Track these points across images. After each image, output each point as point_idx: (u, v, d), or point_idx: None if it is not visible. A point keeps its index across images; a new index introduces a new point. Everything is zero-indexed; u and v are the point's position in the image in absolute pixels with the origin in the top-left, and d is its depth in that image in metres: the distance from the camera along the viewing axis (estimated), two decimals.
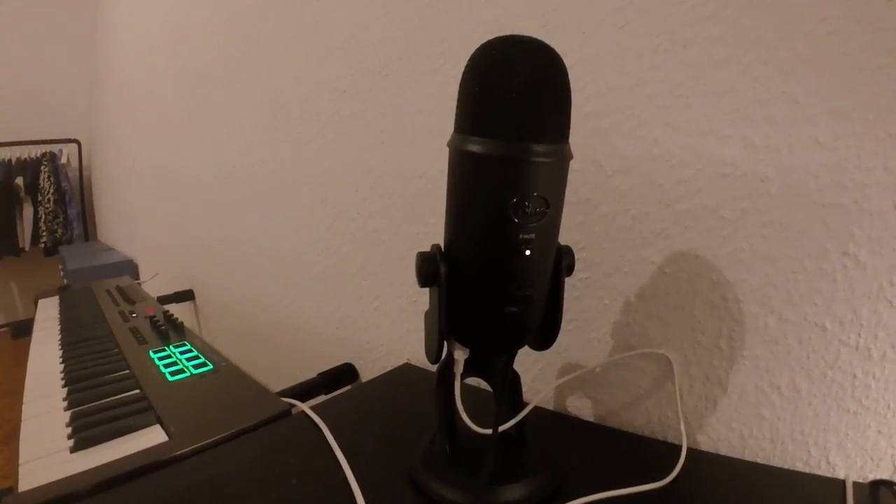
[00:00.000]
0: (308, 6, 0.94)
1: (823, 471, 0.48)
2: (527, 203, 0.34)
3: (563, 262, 0.39)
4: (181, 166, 1.64)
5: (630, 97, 0.53)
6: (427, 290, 0.40)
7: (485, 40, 0.34)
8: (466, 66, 0.34)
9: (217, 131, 1.37)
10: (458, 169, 0.36)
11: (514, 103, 0.32)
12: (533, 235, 0.35)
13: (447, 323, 0.39)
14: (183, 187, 1.65)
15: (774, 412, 0.49)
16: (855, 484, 0.45)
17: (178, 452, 0.57)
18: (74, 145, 3.31)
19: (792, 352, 0.47)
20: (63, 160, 3.20)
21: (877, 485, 0.45)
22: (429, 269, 0.38)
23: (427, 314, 0.43)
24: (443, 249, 0.39)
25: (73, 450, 0.59)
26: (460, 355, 0.42)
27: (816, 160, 0.44)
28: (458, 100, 0.35)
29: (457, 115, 0.35)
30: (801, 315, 0.46)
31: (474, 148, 0.34)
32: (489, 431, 0.42)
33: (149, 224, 2.09)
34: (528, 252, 0.35)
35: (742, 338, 0.49)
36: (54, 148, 3.21)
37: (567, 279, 0.41)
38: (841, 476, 0.47)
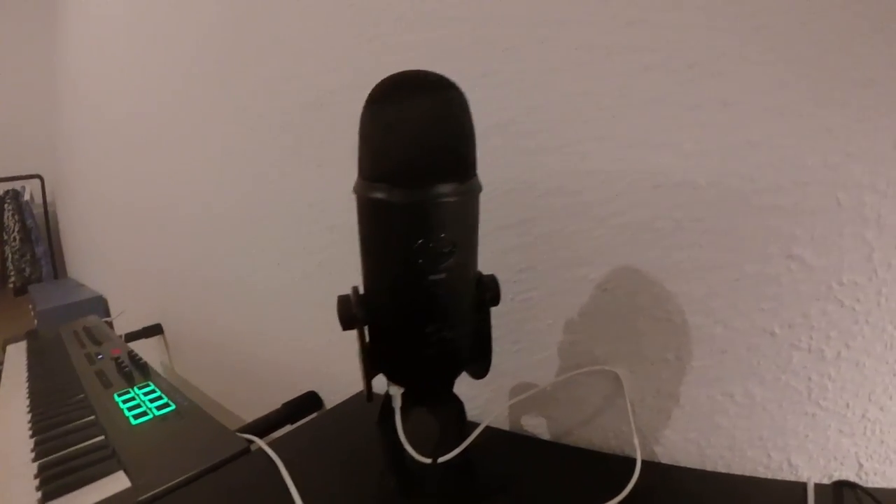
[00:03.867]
0: (249, 42, 0.93)
1: (786, 474, 0.47)
2: (432, 245, 0.32)
3: (487, 295, 0.38)
4: (145, 199, 1.62)
5: (555, 113, 0.52)
6: None
7: (399, 70, 0.32)
8: (362, 109, 0.32)
9: (177, 165, 1.35)
10: (360, 213, 0.35)
11: (408, 148, 0.30)
12: (443, 276, 0.33)
13: (371, 364, 0.39)
14: (147, 220, 1.63)
15: (730, 420, 0.48)
16: (817, 486, 0.45)
17: (141, 499, 0.56)
18: (37, 181, 3.23)
19: (741, 359, 0.46)
20: (26, 197, 3.13)
21: (840, 486, 0.45)
22: (346, 313, 0.37)
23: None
24: (361, 291, 0.38)
25: (42, 502, 0.58)
26: (396, 391, 0.41)
27: (751, 162, 0.43)
28: (358, 144, 0.33)
29: (358, 158, 0.34)
30: (748, 322, 0.45)
31: (373, 194, 0.32)
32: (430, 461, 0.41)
33: (117, 258, 2.06)
34: (439, 293, 0.34)
35: (689, 349, 0.48)
36: (16, 185, 3.13)
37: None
38: (804, 478, 0.46)
